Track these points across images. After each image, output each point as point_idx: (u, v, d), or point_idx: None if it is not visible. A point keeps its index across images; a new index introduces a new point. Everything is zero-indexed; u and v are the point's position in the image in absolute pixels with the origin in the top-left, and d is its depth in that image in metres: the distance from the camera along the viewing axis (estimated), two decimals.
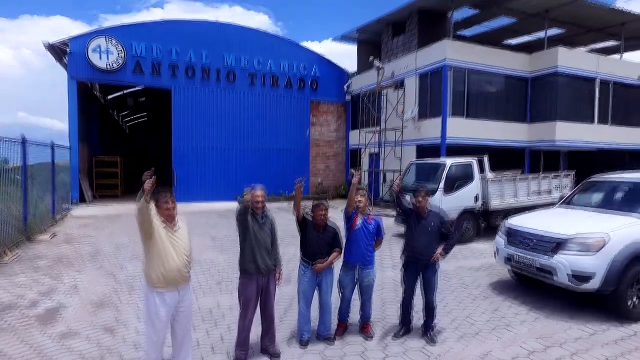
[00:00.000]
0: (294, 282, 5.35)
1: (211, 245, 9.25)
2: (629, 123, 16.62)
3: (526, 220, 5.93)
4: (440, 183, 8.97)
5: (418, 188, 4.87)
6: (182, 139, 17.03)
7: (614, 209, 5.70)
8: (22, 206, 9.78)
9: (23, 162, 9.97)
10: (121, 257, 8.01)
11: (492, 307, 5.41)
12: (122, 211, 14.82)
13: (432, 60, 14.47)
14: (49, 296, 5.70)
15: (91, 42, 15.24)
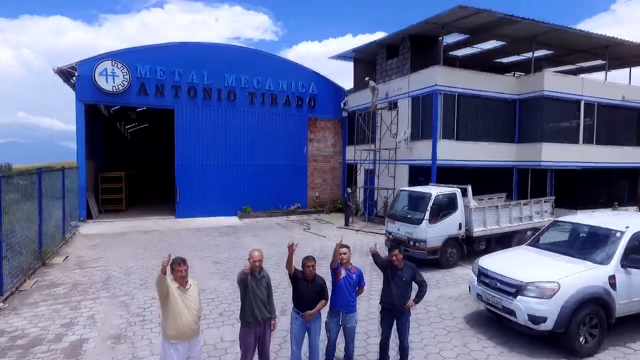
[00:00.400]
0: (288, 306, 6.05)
1: (214, 271, 9.93)
2: (614, 142, 17.33)
3: (494, 262, 6.64)
4: (426, 213, 9.68)
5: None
6: (184, 157, 17.73)
7: (572, 254, 6.41)
8: (38, 232, 10.50)
9: (39, 191, 10.68)
10: (131, 285, 8.71)
11: (463, 342, 6.13)
12: (126, 228, 15.53)
13: (424, 85, 15.18)
14: (70, 329, 6.42)
15: (98, 66, 15.95)
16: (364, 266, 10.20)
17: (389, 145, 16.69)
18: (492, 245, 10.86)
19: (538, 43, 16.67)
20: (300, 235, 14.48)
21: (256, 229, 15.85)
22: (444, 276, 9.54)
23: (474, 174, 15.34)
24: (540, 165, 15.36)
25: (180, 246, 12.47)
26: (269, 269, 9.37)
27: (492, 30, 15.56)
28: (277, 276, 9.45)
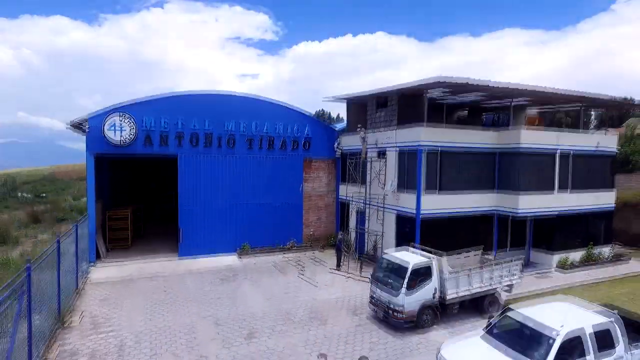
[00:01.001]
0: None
1: (214, 335, 11.08)
2: (589, 187, 18.51)
3: (452, 354, 7.83)
4: (403, 284, 10.86)
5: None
6: (187, 200, 18.92)
7: (517, 349, 7.59)
8: (57, 297, 11.68)
9: (57, 258, 11.84)
10: (142, 357, 9.87)
11: None
12: (133, 272, 16.73)
13: (409, 140, 16.35)
14: None
15: (107, 120, 17.13)
16: (349, 328, 11.42)
17: (378, 192, 17.87)
18: (466, 306, 12.06)
19: (516, 95, 17.85)
20: (295, 283, 15.67)
21: (254, 272, 17.04)
22: (420, 341, 10.73)
23: (457, 222, 16.56)
24: (518, 213, 16.54)
25: (184, 301, 13.64)
26: (264, 331, 10.56)
27: (471, 88, 16.74)
28: (272, 342, 10.64)
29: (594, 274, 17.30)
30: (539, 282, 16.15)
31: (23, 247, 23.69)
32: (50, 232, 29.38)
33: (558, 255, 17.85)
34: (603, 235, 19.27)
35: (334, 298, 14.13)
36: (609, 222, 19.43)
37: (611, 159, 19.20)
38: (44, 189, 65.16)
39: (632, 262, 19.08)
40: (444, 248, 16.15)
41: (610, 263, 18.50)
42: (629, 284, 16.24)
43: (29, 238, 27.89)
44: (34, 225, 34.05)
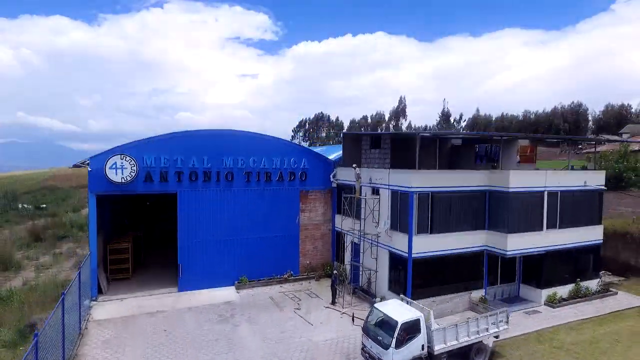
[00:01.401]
0: None
1: None
2: (576, 224, 19.02)
3: None
4: (392, 341, 11.38)
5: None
6: (186, 235, 19.43)
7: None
8: (61, 347, 12.18)
9: (62, 317, 12.29)
10: None
11: None
12: (134, 309, 17.23)
13: (401, 183, 16.88)
14: None
15: (108, 161, 17.62)
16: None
17: (372, 229, 18.40)
18: (454, 354, 12.59)
19: (497, 137, 18.36)
20: (291, 322, 16.18)
21: (251, 308, 17.55)
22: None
23: (448, 260, 17.11)
24: (507, 254, 17.06)
25: (183, 344, 14.15)
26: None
27: (454, 134, 17.23)
28: None
29: (581, 309, 17.84)
30: (526, 321, 16.68)
31: (25, 275, 24.20)
32: (51, 254, 29.92)
33: (547, 291, 18.39)
34: (591, 269, 19.81)
35: (328, 340, 14.64)
36: (596, 256, 19.96)
37: (599, 195, 19.73)
38: (44, 200, 65.62)
39: (620, 296, 19.62)
40: (436, 285, 16.77)
41: (598, 297, 19.04)
42: (614, 322, 16.75)
43: (31, 260, 28.40)
44: (35, 243, 34.55)
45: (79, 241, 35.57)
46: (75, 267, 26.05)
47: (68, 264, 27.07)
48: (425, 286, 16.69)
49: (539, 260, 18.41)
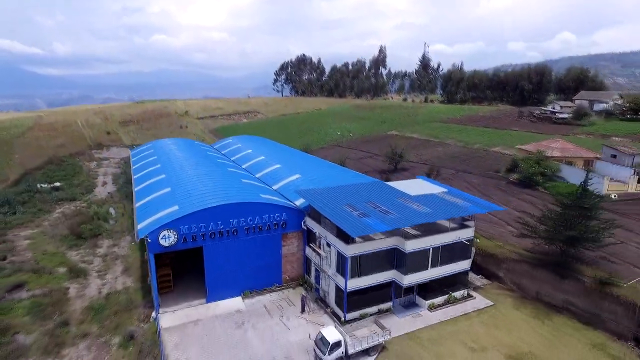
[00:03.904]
0: None
1: None
2: (451, 261, 30.94)
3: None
4: (327, 350, 23.52)
5: None
6: (211, 268, 30.60)
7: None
8: (161, 352, 23.92)
9: (159, 329, 23.87)
10: None
11: None
12: (184, 318, 28.86)
13: (341, 250, 28.06)
14: None
15: (160, 234, 28.01)
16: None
17: (327, 268, 29.98)
18: (360, 353, 25.03)
19: None
20: (277, 327, 28.34)
21: (253, 316, 29.58)
22: None
23: (370, 288, 29.08)
24: (403, 284, 29.11)
25: (219, 345, 26.17)
26: None
27: None
28: None
29: (447, 312, 30.55)
30: (413, 320, 29.35)
31: (92, 281, 34.90)
32: (101, 256, 40.52)
33: (429, 301, 30.94)
34: (459, 284, 32.30)
35: (299, 340, 26.89)
36: (464, 276, 32.33)
37: (469, 242, 31.45)
38: (56, 176, 74.74)
39: (476, 299, 32.44)
40: (362, 302, 28.82)
41: (461, 301, 31.79)
42: (464, 321, 29.54)
43: (88, 264, 38.64)
44: (77, 241, 44.75)
45: (111, 237, 46.25)
46: (124, 273, 37.30)
47: (118, 268, 38.16)
48: (357, 303, 28.88)
49: (426, 283, 30.65)
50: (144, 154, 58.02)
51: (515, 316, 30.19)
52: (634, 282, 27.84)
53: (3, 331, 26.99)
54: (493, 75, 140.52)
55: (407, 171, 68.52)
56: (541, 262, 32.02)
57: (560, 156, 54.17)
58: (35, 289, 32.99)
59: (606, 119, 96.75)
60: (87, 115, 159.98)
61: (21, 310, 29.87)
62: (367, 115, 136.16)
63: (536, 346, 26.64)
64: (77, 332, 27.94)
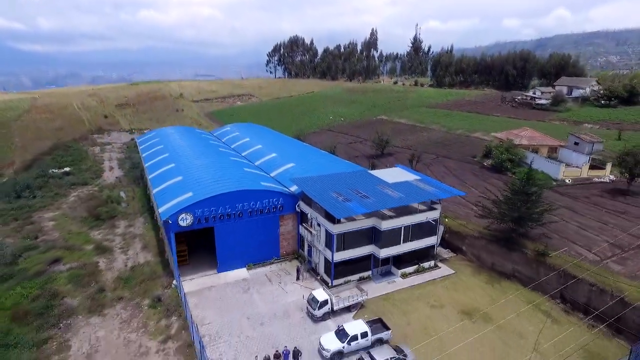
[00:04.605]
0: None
1: (247, 322, 30.31)
2: (420, 237, 37.38)
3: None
4: (317, 307, 29.93)
5: None
6: (221, 245, 36.67)
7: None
8: (186, 310, 30.22)
9: (182, 293, 30.09)
10: (225, 330, 28.97)
11: None
12: (200, 285, 35.12)
13: (329, 229, 34.17)
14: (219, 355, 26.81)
15: (179, 216, 33.85)
16: (298, 320, 30.84)
17: (317, 245, 36.23)
18: (343, 310, 31.58)
19: None
20: (277, 291, 34.75)
21: (256, 284, 35.93)
22: (323, 324, 30.26)
23: (353, 260, 35.43)
24: (380, 256, 35.51)
25: (230, 306, 32.55)
26: (267, 322, 29.47)
27: None
28: (271, 327, 29.96)
29: (416, 279, 37.16)
30: (388, 285, 35.95)
31: (117, 257, 40.84)
32: (120, 235, 46.33)
33: (402, 270, 37.48)
34: (428, 257, 38.85)
35: (294, 301, 33.39)
36: (431, 249, 38.84)
37: (435, 222, 37.75)
38: (64, 162, 79.51)
39: (442, 268, 39.08)
40: (347, 271, 35.21)
41: (429, 270, 38.40)
42: (429, 286, 36.23)
43: (110, 242, 44.34)
44: (96, 222, 50.29)
45: (127, 218, 51.92)
46: (143, 249, 43.26)
47: (138, 245, 44.09)
48: (341, 272, 35.28)
49: (399, 255, 37.11)
50: (151, 142, 62.94)
51: (472, 282, 36.92)
52: (561, 252, 34.51)
53: (53, 296, 33.00)
54: (480, 60, 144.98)
55: (393, 156, 74.44)
56: (495, 238, 38.59)
57: (528, 144, 60.34)
58: (70, 263, 38.88)
59: (581, 105, 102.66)
60: (81, 97, 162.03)
61: (63, 280, 35.81)
62: (359, 99, 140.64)
63: (484, 304, 33.39)
64: (113, 296, 34.07)
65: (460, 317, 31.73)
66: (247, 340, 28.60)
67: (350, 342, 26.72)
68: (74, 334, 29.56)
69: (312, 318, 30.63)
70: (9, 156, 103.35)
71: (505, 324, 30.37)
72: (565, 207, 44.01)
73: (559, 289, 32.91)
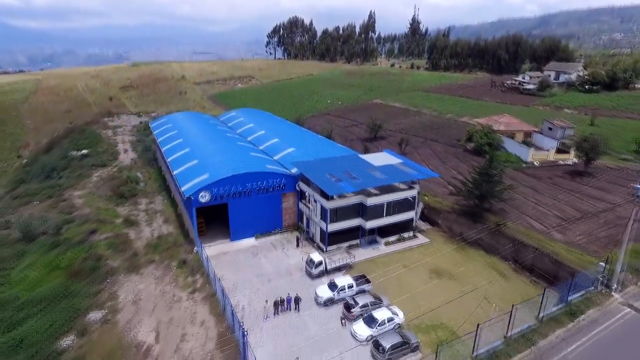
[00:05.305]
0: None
1: (257, 279, 37.75)
2: (400, 211, 44.55)
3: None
4: (314, 267, 37.34)
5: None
6: (233, 218, 43.82)
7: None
8: (207, 268, 37.61)
9: (205, 258, 37.43)
10: (239, 291, 36.45)
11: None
12: (217, 252, 42.47)
13: (323, 204, 41.24)
14: (239, 302, 34.33)
15: (199, 194, 40.82)
16: (299, 277, 38.35)
17: (313, 217, 43.36)
18: (335, 270, 39.02)
19: None
20: (281, 255, 42.15)
21: (264, 250, 43.29)
22: (319, 280, 37.71)
23: (344, 230, 42.66)
24: (367, 227, 42.72)
25: (243, 267, 39.99)
26: (274, 279, 36.91)
27: None
28: (277, 282, 37.43)
29: (397, 247, 44.48)
30: (372, 251, 43.31)
31: (143, 228, 48.09)
32: (142, 211, 53.41)
33: (385, 239, 44.75)
34: (408, 228, 46.07)
35: (294, 263, 40.81)
36: (410, 222, 46.01)
37: (412, 200, 44.74)
38: (81, 144, 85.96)
39: (419, 238, 46.36)
40: (339, 239, 42.67)
41: (408, 240, 45.69)
42: (407, 252, 43.63)
43: (136, 217, 51.55)
44: (120, 200, 57.21)
45: (147, 197, 58.91)
46: (165, 223, 50.41)
47: (160, 219, 51.29)
48: (334, 240, 42.54)
49: (383, 227, 44.29)
50: (165, 127, 69.18)
51: (443, 249, 44.29)
52: (512, 223, 41.73)
53: (98, 259, 40.32)
54: (474, 44, 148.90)
55: (385, 139, 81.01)
56: (464, 212, 45.76)
57: (505, 129, 66.83)
58: (106, 234, 46.09)
59: (566, 91, 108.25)
60: (85, 79, 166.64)
61: (103, 246, 43.08)
62: (356, 83, 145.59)
63: (451, 266, 40.80)
64: (145, 260, 41.42)
65: (430, 275, 39.21)
66: (257, 291, 36.08)
67: (339, 292, 34.15)
68: (119, 287, 37.02)
69: (310, 276, 38.04)
70: (22, 138, 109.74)
71: (465, 280, 37.86)
72: (528, 186, 51.06)
73: (511, 252, 40.29)
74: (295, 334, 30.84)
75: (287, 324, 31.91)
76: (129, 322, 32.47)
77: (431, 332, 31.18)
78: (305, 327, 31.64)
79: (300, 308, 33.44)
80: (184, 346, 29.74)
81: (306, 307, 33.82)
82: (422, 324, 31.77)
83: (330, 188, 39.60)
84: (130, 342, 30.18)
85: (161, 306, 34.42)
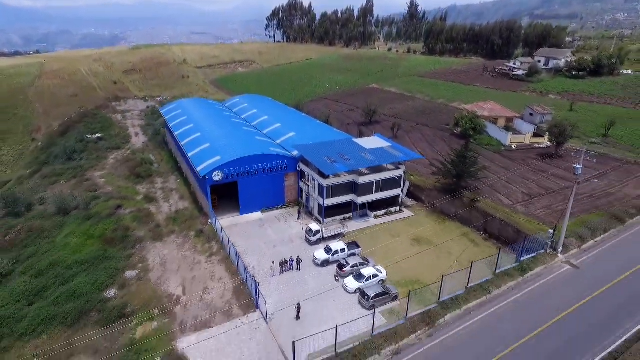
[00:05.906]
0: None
1: (265, 246, 44.47)
2: (388, 188, 50.99)
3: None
4: (312, 234, 43.96)
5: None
6: (243, 193, 50.22)
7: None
8: (224, 240, 44.24)
9: (219, 226, 44.04)
10: (250, 256, 43.15)
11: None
12: (229, 223, 49.01)
13: (320, 182, 47.58)
14: (250, 263, 41.08)
15: (213, 173, 47.07)
16: (299, 244, 45.08)
17: (312, 193, 49.75)
18: (331, 238, 45.66)
19: None
20: (284, 226, 48.75)
21: (269, 222, 49.86)
22: (316, 246, 44.38)
23: (340, 205, 49.17)
24: (358, 202, 49.20)
25: (252, 236, 46.61)
26: (279, 245, 43.52)
27: None
28: (281, 248, 44.10)
29: (385, 219, 51.07)
30: (363, 223, 49.91)
31: (162, 204, 54.50)
32: (159, 189, 59.74)
33: (374, 212, 51.27)
34: (395, 203, 52.53)
35: (296, 232, 47.43)
36: (397, 198, 52.43)
37: (399, 178, 51.00)
38: (95, 128, 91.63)
39: (405, 212, 52.88)
40: (334, 212, 49.42)
41: (395, 214, 52.25)
42: (393, 224, 50.23)
43: (154, 194, 58.04)
44: (137, 179, 63.48)
45: (161, 177, 65.16)
46: (180, 199, 56.82)
47: (176, 196, 57.70)
48: (330, 213, 49.05)
49: (373, 202, 50.75)
50: (175, 113, 74.70)
51: (425, 221, 50.89)
52: (485, 198, 48.21)
53: (126, 229, 46.87)
54: (469, 29, 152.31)
55: (379, 124, 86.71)
56: (444, 189, 52.14)
57: (488, 115, 72.59)
58: (130, 208, 52.53)
59: (554, 77, 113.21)
60: (88, 62, 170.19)
61: (129, 219, 49.57)
62: (354, 67, 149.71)
63: (430, 235, 47.46)
64: (167, 230, 47.99)
65: (412, 243, 45.92)
66: (265, 255, 42.79)
67: (333, 255, 40.85)
68: (147, 252, 43.70)
69: (309, 243, 44.70)
70: (33, 122, 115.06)
71: (441, 247, 44.58)
72: (502, 167, 57.35)
73: (482, 224, 46.93)
74: (297, 288, 37.65)
75: (291, 280, 38.72)
76: (159, 278, 39.24)
77: (409, 286, 37.87)
78: (305, 282, 38.45)
79: (301, 268, 40.21)
80: (207, 297, 36.54)
81: (306, 267, 40.61)
82: (402, 280, 38.55)
83: (327, 168, 45.82)
84: (163, 293, 36.98)
85: (184, 267, 41.15)
